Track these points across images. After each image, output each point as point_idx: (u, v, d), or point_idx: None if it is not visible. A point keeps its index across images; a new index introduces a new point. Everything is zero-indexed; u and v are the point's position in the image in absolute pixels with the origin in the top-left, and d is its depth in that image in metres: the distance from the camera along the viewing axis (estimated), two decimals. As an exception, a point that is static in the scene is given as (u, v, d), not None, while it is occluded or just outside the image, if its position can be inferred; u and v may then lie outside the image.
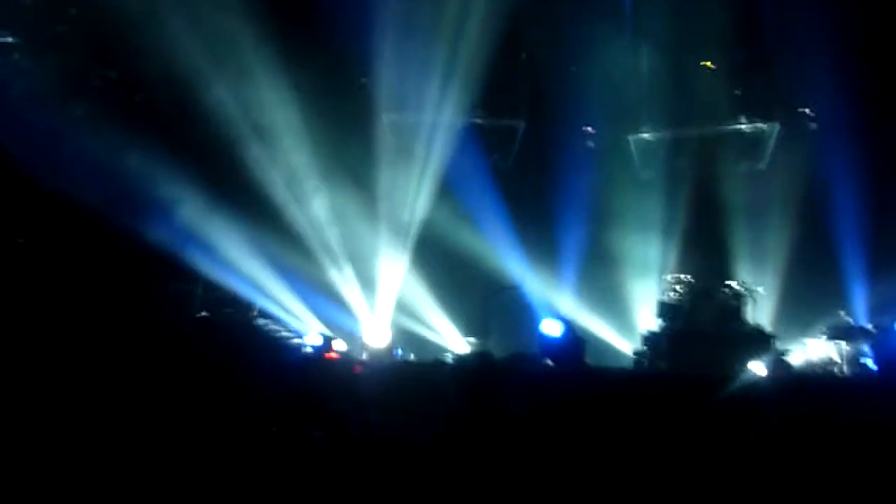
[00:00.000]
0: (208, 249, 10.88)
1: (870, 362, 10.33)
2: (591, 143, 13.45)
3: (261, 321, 11.25)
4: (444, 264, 12.54)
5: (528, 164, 13.22)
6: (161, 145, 10.36)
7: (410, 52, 11.99)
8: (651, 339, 11.56)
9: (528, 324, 11.20)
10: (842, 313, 11.26)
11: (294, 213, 11.76)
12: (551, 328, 10.07)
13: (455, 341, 12.41)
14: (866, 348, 10.45)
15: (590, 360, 10.63)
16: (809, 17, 11.35)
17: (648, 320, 12.12)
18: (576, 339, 10.42)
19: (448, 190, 12.50)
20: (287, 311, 11.41)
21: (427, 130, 12.54)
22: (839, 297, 11.41)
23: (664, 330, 11.68)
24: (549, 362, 9.92)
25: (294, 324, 11.39)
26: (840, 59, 11.12)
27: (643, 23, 13.08)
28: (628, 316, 12.58)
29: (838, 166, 11.59)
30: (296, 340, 11.19)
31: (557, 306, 12.00)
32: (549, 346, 10.04)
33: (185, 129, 10.89)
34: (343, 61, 12.14)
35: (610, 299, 12.57)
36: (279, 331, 11.29)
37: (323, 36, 11.90)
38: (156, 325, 9.00)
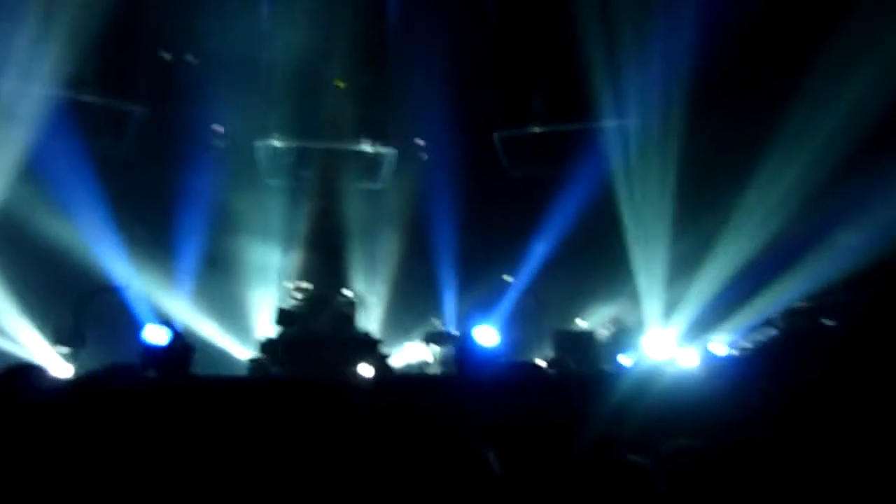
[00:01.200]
0: None
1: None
2: (218, 143, 12.90)
3: None
4: (28, 259, 10.56)
5: (145, 156, 12.08)
6: None
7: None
8: (268, 346, 11.49)
9: (131, 331, 10.07)
10: (435, 320, 12.74)
11: None
12: (155, 335, 9.15)
13: (41, 351, 10.53)
14: (453, 350, 11.87)
15: (201, 368, 9.99)
16: (428, 57, 12.78)
17: (267, 327, 12.02)
18: (182, 346, 9.68)
19: (38, 172, 10.60)
20: None
21: (12, 98, 10.49)
22: (435, 306, 12.90)
23: (281, 336, 11.73)
24: (152, 373, 9.01)
25: None
26: (450, 99, 12.70)
27: (279, 32, 13.13)
28: (246, 323, 12.34)
29: (441, 192, 13.18)
30: None
31: (166, 312, 11.10)
32: (152, 354, 9.11)
33: None
34: None
35: (227, 305, 12.16)
36: None
37: None
38: None
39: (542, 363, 10.99)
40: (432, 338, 12.32)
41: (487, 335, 10.37)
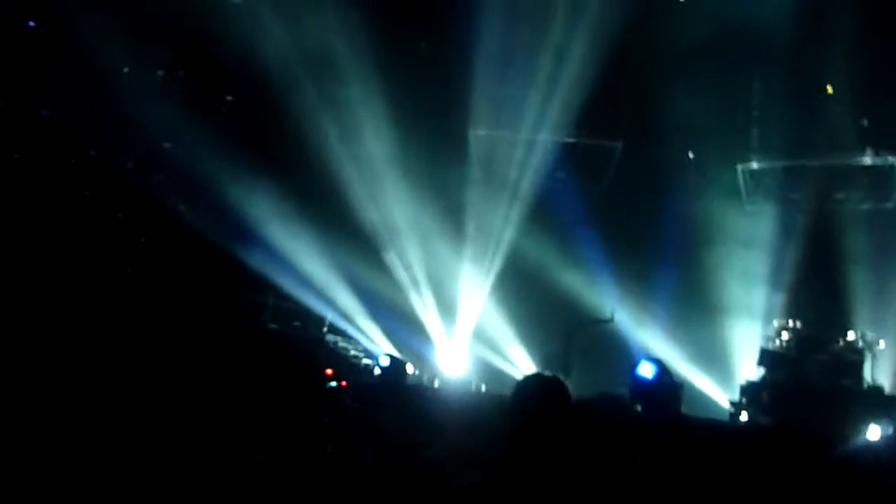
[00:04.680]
0: (283, 261, 10.58)
1: None
2: (694, 170, 12.30)
3: (331, 337, 10.81)
4: (527, 292, 11.76)
5: (625, 189, 12.24)
6: (243, 152, 10.14)
7: (504, 68, 11.41)
8: (750, 390, 10.49)
9: (614, 362, 10.29)
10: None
11: (375, 229, 11.31)
12: (646, 370, 9.10)
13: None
14: None
15: (684, 408, 9.61)
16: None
17: (749, 369, 10.96)
18: (672, 383, 9.39)
19: (537, 213, 11.77)
20: (360, 329, 10.94)
21: (519, 150, 11.85)
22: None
23: (766, 380, 10.55)
24: (639, 407, 8.95)
25: (366, 343, 10.90)
26: None
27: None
28: (726, 362, 11.39)
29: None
30: (366, 360, 10.72)
31: (649, 346, 11.01)
32: (642, 388, 9.05)
33: (267, 136, 10.71)
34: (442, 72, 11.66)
35: (706, 342, 11.38)
36: (349, 349, 10.83)
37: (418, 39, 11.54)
38: (226, 334, 8.81)
39: None
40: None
41: None
